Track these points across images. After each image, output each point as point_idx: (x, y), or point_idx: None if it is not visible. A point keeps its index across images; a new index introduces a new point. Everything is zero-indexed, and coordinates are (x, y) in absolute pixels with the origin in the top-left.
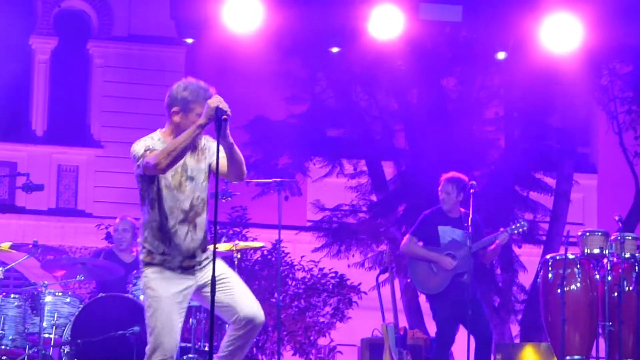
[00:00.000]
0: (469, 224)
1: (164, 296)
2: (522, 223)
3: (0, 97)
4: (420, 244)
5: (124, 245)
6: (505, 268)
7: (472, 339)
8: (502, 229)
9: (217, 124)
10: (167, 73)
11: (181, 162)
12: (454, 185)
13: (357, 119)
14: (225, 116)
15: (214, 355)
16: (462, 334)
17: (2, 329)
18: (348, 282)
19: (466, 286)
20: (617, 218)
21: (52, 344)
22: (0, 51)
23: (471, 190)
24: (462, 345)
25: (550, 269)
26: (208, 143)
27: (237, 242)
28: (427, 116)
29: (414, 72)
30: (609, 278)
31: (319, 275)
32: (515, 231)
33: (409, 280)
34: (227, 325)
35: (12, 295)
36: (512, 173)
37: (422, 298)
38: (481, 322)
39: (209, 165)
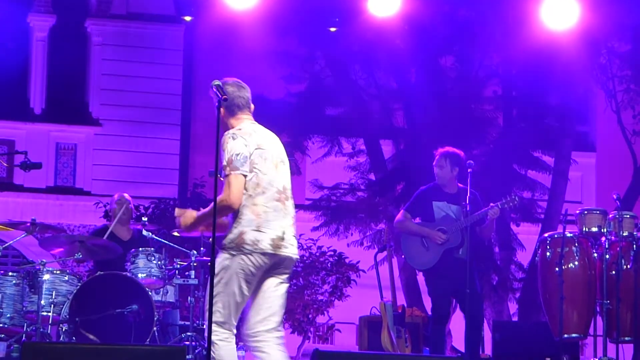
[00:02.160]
0: (467, 201)
1: None
2: (514, 197)
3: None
4: (418, 220)
5: (122, 221)
6: (503, 246)
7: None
8: (492, 204)
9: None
10: (166, 51)
11: None
12: (447, 159)
13: (355, 98)
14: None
15: None
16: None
17: (0, 307)
18: (347, 261)
19: (462, 262)
20: (615, 196)
21: (50, 322)
22: None
23: (469, 170)
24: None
25: (548, 247)
26: None
27: None
28: (425, 95)
29: (413, 51)
30: (607, 256)
31: (317, 254)
32: (506, 205)
33: (402, 256)
34: None
35: (10, 273)
36: (510, 152)
37: (420, 276)
38: (473, 303)
39: None
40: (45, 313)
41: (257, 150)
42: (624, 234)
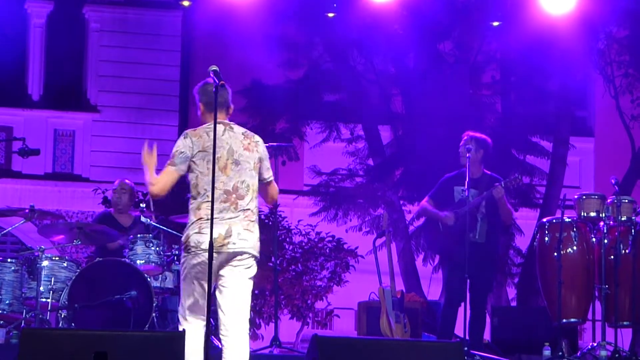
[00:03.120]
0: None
1: None
2: (517, 176)
3: None
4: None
5: (122, 207)
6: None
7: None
8: (496, 184)
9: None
10: (164, 37)
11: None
12: (472, 141)
13: (354, 84)
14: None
15: None
16: None
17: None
18: (345, 247)
19: (477, 246)
20: (613, 181)
21: (49, 308)
22: None
23: (467, 154)
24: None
25: (546, 232)
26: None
27: None
28: (423, 80)
29: (411, 36)
30: (605, 241)
31: (316, 240)
32: (510, 184)
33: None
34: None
35: (9, 260)
36: (509, 137)
37: (419, 262)
38: (477, 289)
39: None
40: (44, 299)
41: (200, 152)
42: (623, 219)
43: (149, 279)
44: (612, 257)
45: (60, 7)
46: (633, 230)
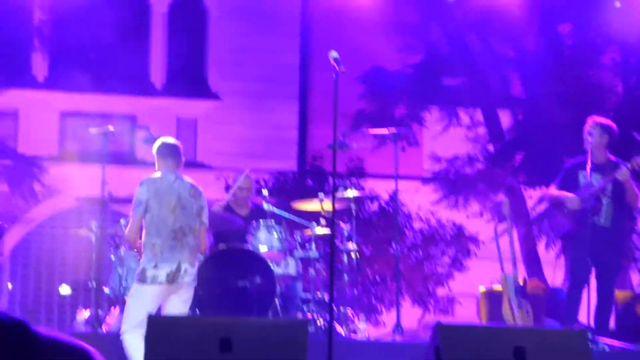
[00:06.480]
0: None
1: None
2: None
3: (119, 50)
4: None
5: (242, 200)
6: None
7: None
8: (622, 166)
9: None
10: (283, 23)
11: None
12: (597, 127)
13: (472, 67)
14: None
15: None
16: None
17: (125, 281)
18: (466, 233)
19: (602, 230)
20: None
21: None
22: (118, 4)
23: (591, 140)
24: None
25: None
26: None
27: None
28: (543, 63)
29: (529, 19)
30: None
31: (436, 226)
32: (636, 166)
33: None
34: None
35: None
36: (630, 119)
37: (540, 247)
38: (604, 278)
39: None
40: None
41: (154, 196)
42: None
43: (272, 266)
44: None
45: None
46: None
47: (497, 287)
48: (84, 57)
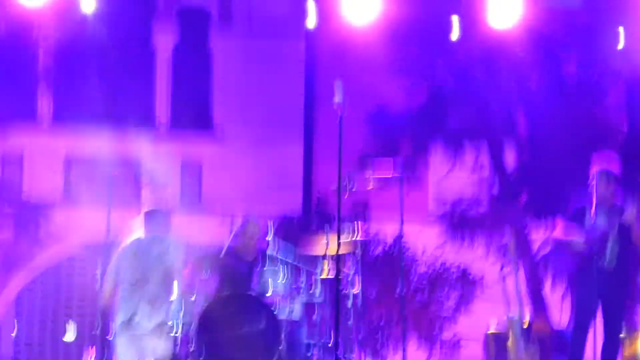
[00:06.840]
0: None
1: None
2: None
3: (123, 94)
4: None
5: (249, 246)
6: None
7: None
8: (628, 208)
9: None
10: (288, 66)
11: None
12: (604, 177)
13: (477, 105)
14: None
15: None
16: None
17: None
18: (470, 277)
19: (609, 270)
20: None
21: (178, 342)
22: (123, 49)
23: (596, 190)
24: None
25: None
26: None
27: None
28: (547, 101)
29: (534, 59)
30: None
31: (440, 270)
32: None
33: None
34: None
35: None
36: (637, 158)
37: (546, 288)
38: (611, 318)
39: None
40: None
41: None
42: None
43: (276, 311)
44: None
45: (185, 40)
46: None
47: (503, 329)
48: (89, 102)
